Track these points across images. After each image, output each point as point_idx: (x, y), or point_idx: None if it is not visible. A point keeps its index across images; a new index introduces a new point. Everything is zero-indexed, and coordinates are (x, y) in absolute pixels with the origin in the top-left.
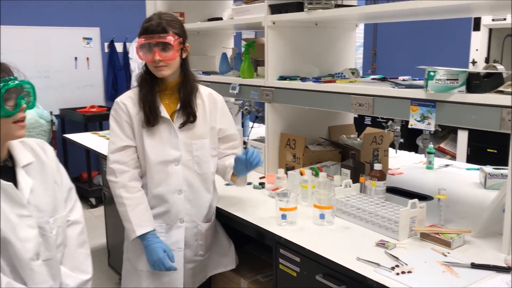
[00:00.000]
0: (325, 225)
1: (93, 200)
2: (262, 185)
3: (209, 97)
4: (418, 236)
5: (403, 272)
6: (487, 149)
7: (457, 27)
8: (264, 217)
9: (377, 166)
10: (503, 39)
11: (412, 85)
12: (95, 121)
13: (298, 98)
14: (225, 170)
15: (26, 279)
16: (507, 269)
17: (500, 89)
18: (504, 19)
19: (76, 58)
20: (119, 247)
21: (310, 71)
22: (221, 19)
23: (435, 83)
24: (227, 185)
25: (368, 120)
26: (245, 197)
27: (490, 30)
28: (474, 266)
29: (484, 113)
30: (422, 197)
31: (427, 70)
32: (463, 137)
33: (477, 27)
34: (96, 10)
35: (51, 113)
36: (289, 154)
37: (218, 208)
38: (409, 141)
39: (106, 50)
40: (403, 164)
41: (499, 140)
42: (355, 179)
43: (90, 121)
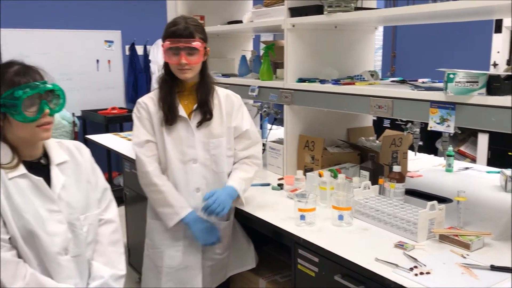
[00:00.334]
0: (343, 226)
1: None
2: (280, 186)
3: (226, 98)
4: (437, 238)
5: (421, 273)
6: (508, 152)
7: (478, 29)
8: (283, 217)
9: (396, 168)
10: None
11: (432, 87)
12: (116, 122)
13: (317, 100)
14: None
15: (53, 273)
16: None
17: None
18: None
19: (97, 61)
20: (139, 246)
21: (329, 73)
22: (240, 22)
23: (455, 85)
24: None
25: (387, 123)
26: (264, 198)
27: None
28: (493, 268)
29: (504, 115)
30: (441, 199)
31: (446, 73)
32: (483, 140)
33: (498, 29)
34: (117, 13)
35: (73, 114)
36: (308, 156)
37: (236, 208)
38: (429, 144)
39: (127, 52)
40: (422, 167)
41: None
42: (374, 181)
43: (111, 122)
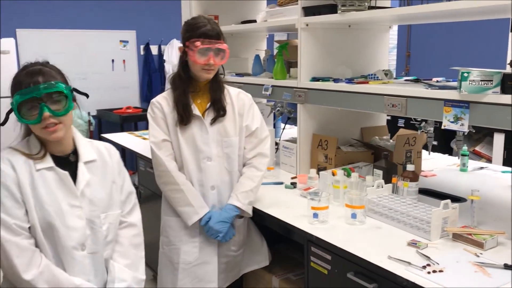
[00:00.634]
0: (356, 225)
1: None
2: (293, 185)
3: (237, 97)
4: (450, 236)
5: (434, 271)
6: None
7: (494, 28)
8: (296, 215)
9: (409, 167)
10: None
11: (446, 86)
12: (130, 121)
13: (330, 99)
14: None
15: (66, 267)
16: None
17: None
18: None
19: (113, 61)
20: (153, 244)
21: (343, 72)
22: (254, 21)
23: (469, 84)
24: None
25: (401, 122)
26: (277, 196)
27: None
28: (507, 267)
29: None
30: (455, 198)
31: (460, 71)
32: (499, 140)
33: None
34: (132, 13)
35: (88, 113)
36: (321, 155)
37: None
38: (444, 144)
39: (142, 52)
40: (437, 166)
41: None
42: (387, 180)
43: (126, 121)
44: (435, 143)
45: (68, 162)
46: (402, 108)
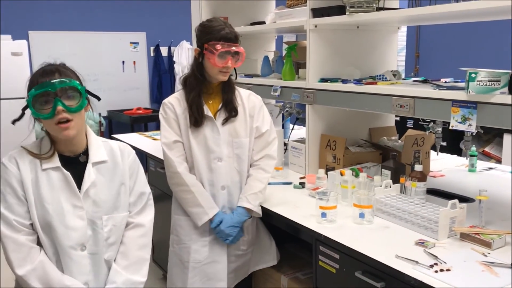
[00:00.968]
0: (364, 224)
1: None
2: (302, 185)
3: (248, 98)
4: (458, 236)
5: (441, 270)
6: None
7: (504, 28)
8: (304, 215)
9: (417, 167)
10: None
11: (454, 86)
12: (141, 122)
13: (339, 100)
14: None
15: (64, 267)
16: None
17: None
18: None
19: (123, 62)
20: (163, 243)
21: (351, 73)
22: (263, 23)
23: (476, 84)
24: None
25: (410, 123)
26: (285, 196)
27: None
28: None
29: None
30: (463, 199)
31: (468, 72)
32: (508, 140)
33: None
34: (142, 15)
35: (99, 114)
36: (329, 155)
37: None
38: (453, 145)
39: (152, 54)
40: (445, 167)
41: None
42: (395, 180)
43: (136, 122)
44: (443, 143)
45: (77, 163)
46: (410, 108)
